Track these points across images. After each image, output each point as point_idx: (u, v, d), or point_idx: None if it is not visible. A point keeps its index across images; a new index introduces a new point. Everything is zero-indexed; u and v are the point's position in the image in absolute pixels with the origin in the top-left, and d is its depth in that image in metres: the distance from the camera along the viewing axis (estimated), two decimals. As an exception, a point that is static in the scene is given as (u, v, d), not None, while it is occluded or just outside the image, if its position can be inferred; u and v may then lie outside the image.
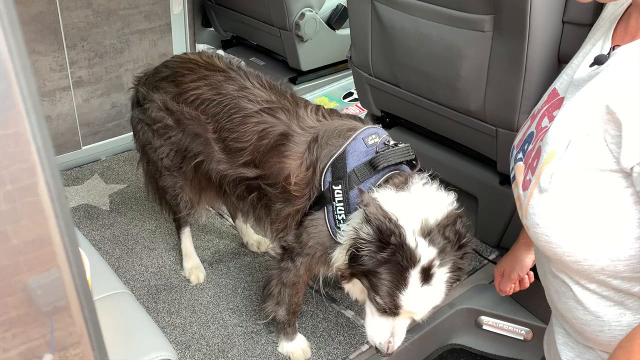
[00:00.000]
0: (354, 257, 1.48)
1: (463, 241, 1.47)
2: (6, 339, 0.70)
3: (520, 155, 1.16)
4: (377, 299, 1.47)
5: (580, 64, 1.11)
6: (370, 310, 1.56)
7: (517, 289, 1.65)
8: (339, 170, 1.62)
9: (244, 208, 1.92)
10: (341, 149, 1.63)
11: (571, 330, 1.15)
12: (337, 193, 1.61)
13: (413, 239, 1.41)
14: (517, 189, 1.13)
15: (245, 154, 1.78)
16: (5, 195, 0.61)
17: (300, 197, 1.69)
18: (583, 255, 0.98)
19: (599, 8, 1.72)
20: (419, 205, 1.48)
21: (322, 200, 1.65)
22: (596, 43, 1.10)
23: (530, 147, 1.13)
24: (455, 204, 1.52)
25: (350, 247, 1.49)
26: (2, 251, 0.64)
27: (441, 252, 1.42)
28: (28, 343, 0.72)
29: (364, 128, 1.67)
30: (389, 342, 1.53)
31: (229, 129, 1.80)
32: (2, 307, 0.68)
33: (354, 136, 1.64)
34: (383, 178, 1.59)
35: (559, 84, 1.16)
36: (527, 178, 1.09)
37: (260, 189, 1.78)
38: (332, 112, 1.80)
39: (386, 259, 1.42)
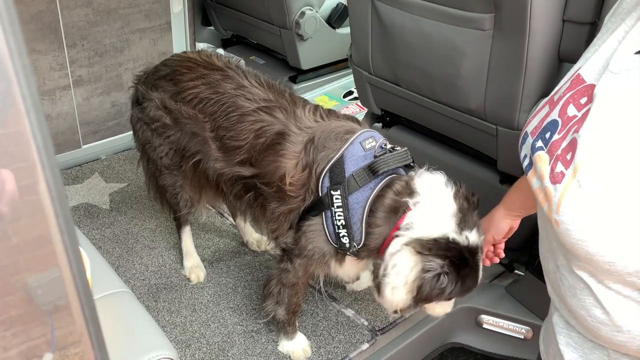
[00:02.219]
0: (431, 290, 1.52)
1: (474, 202, 1.61)
2: (6, 338, 0.70)
3: (540, 144, 1.11)
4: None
5: (615, 50, 1.05)
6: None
7: (487, 262, 1.62)
8: (337, 175, 1.61)
9: (241, 207, 1.91)
10: (339, 154, 1.62)
11: (580, 328, 1.13)
12: (336, 198, 1.60)
13: (462, 237, 1.51)
14: (541, 181, 1.08)
15: (241, 153, 1.77)
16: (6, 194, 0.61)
17: (295, 197, 1.69)
18: (618, 256, 0.95)
19: (599, 7, 1.72)
20: (437, 206, 1.55)
21: (320, 206, 1.65)
22: (631, 28, 1.04)
23: (557, 137, 1.07)
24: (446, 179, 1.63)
25: (422, 282, 1.52)
26: (2, 250, 0.64)
27: (474, 226, 1.55)
28: (28, 342, 0.72)
29: (360, 132, 1.67)
30: None
31: (226, 128, 1.79)
32: (2, 306, 0.68)
33: (351, 140, 1.64)
34: (382, 183, 1.59)
35: (585, 70, 1.10)
36: (558, 171, 1.04)
37: (257, 188, 1.78)
38: (330, 112, 1.79)
39: (468, 269, 1.52)
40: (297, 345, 1.98)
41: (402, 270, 1.52)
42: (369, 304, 2.18)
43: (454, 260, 1.49)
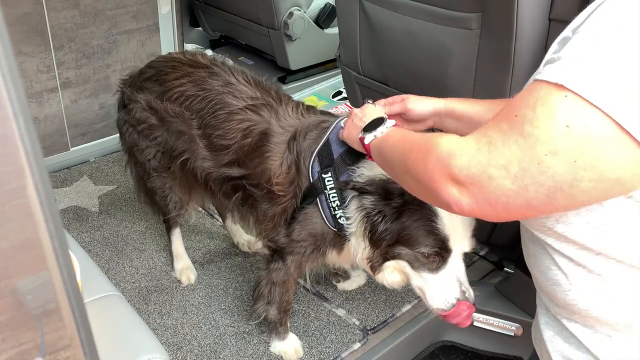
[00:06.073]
0: (373, 233, 1.48)
1: None
2: (-4, 343, 0.69)
3: None
4: (423, 249, 1.44)
5: None
6: (420, 279, 1.50)
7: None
8: (325, 158, 1.62)
9: (230, 206, 1.91)
10: (324, 139, 1.63)
11: (551, 305, 1.15)
12: (328, 181, 1.61)
13: None
14: None
15: (230, 153, 1.77)
16: (-6, 198, 0.60)
17: (285, 196, 1.69)
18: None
19: (584, 6, 1.74)
20: None
21: (313, 192, 1.65)
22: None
23: None
24: None
25: (367, 225, 1.49)
26: (-10, 254, 0.64)
27: None
28: (18, 347, 0.71)
29: (340, 118, 1.68)
30: (464, 291, 1.46)
31: (213, 126, 1.78)
32: (-8, 310, 0.67)
33: (334, 124, 1.65)
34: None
35: None
36: None
37: (246, 188, 1.78)
38: (309, 109, 1.80)
39: (401, 204, 1.44)
40: (289, 345, 1.98)
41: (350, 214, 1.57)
42: (360, 303, 2.18)
43: (390, 191, 1.46)
